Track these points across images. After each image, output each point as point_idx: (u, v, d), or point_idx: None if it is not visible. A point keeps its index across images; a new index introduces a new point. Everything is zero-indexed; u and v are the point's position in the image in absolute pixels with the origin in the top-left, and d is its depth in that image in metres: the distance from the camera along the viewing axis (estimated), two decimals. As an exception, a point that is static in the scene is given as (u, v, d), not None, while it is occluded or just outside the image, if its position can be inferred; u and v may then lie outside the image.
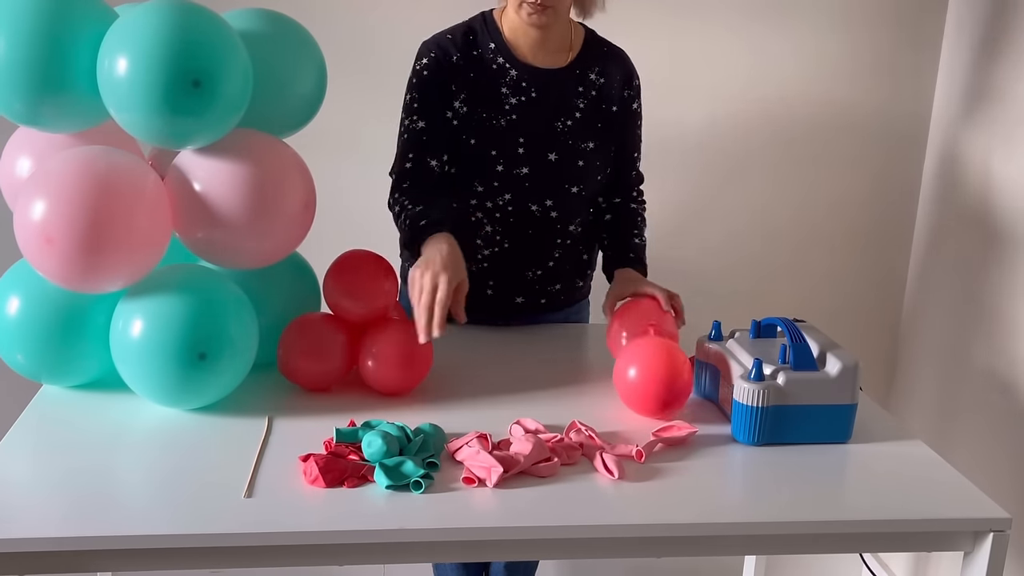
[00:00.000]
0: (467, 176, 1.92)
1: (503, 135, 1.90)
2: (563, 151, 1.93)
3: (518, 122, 1.91)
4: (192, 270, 1.64)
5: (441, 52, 1.90)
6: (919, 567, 2.62)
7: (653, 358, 1.61)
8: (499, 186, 1.92)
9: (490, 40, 1.92)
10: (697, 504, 1.41)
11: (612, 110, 1.98)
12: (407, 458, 1.44)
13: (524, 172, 1.92)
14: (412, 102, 1.92)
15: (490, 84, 1.90)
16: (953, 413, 2.50)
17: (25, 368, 1.65)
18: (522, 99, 1.91)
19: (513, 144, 1.91)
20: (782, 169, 2.63)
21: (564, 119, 1.93)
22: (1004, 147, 2.31)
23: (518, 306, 2.03)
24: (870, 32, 2.55)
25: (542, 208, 1.95)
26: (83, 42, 1.51)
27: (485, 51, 1.91)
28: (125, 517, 1.33)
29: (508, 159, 1.91)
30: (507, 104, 1.90)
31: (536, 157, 1.92)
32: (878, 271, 2.73)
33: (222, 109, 1.52)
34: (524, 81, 1.91)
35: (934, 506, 1.42)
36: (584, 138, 1.95)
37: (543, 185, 1.94)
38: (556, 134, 1.93)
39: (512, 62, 1.91)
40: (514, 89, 1.91)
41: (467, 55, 1.90)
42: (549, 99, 1.92)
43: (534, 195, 1.94)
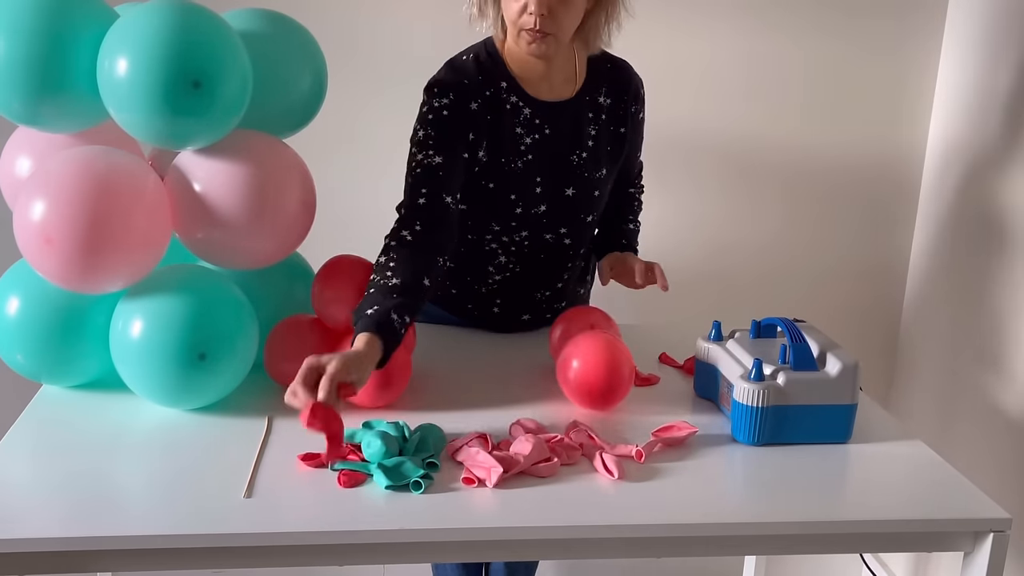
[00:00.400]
0: (484, 215, 1.88)
1: (520, 177, 1.86)
2: (579, 184, 1.90)
3: (534, 161, 1.86)
4: (192, 270, 1.64)
5: (460, 96, 1.79)
6: (919, 567, 2.62)
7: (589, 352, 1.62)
8: (516, 225, 1.89)
9: (501, 78, 1.83)
10: (697, 504, 1.41)
11: (621, 131, 1.95)
12: (407, 458, 1.44)
13: (542, 210, 1.89)
14: (427, 139, 1.78)
15: (506, 125, 1.83)
16: (953, 413, 2.50)
17: (25, 368, 1.65)
18: (536, 137, 1.85)
19: (531, 184, 1.87)
20: (782, 169, 2.63)
21: (579, 151, 1.89)
22: (1004, 147, 2.31)
23: (523, 323, 2.03)
24: (870, 31, 2.55)
25: (556, 236, 1.93)
26: (83, 42, 1.51)
27: (498, 90, 1.83)
28: (125, 517, 1.33)
29: (526, 200, 1.87)
30: (522, 145, 1.84)
31: (553, 194, 1.89)
32: (878, 271, 2.73)
33: (222, 109, 1.52)
34: (537, 118, 1.85)
35: (934, 506, 1.42)
36: (598, 167, 1.92)
37: (559, 218, 1.92)
38: (571, 168, 1.89)
39: (524, 99, 1.84)
40: (528, 128, 1.84)
41: (483, 97, 1.81)
42: (562, 133, 1.87)
43: (550, 228, 1.92)
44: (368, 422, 1.57)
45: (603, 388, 1.61)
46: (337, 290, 1.68)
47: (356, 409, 1.64)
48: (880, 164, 2.65)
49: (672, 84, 2.52)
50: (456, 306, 2.02)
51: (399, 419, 1.55)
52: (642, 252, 2.54)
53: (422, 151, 1.78)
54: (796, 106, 2.58)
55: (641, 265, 1.87)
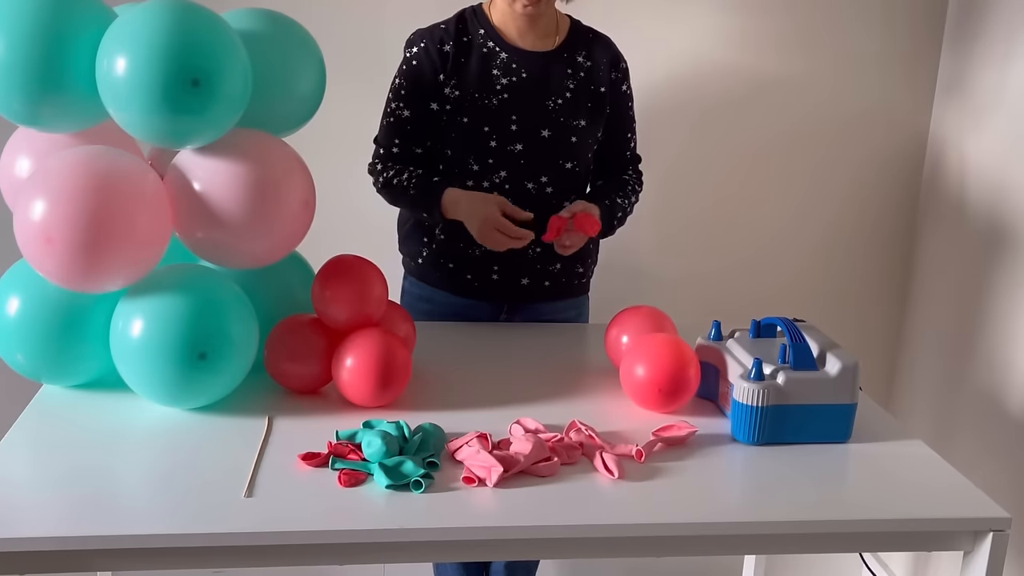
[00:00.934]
0: (462, 154, 1.98)
1: (496, 113, 1.97)
2: (555, 128, 1.99)
3: (510, 101, 1.97)
4: (192, 270, 1.64)
5: (432, 41, 1.98)
6: (919, 567, 2.62)
7: (659, 352, 1.63)
8: (494, 163, 1.97)
9: (480, 27, 2.00)
10: (697, 504, 1.41)
11: (600, 91, 2.04)
12: (407, 458, 1.44)
13: (518, 149, 1.97)
14: (400, 88, 2.02)
15: (481, 67, 1.97)
16: (953, 413, 2.50)
17: (25, 368, 1.65)
18: (513, 79, 1.98)
19: (506, 122, 1.97)
20: (782, 169, 2.63)
21: (555, 98, 2.00)
22: (1004, 147, 2.31)
23: (523, 288, 2.05)
24: (870, 33, 2.55)
25: (538, 185, 2.00)
26: (82, 42, 1.51)
27: (475, 36, 1.99)
28: (125, 517, 1.33)
29: (501, 136, 1.97)
30: (498, 84, 1.97)
31: (529, 134, 1.98)
32: (878, 271, 2.73)
33: (221, 108, 1.52)
34: (514, 63, 1.98)
35: (934, 506, 1.42)
36: (575, 116, 2.01)
37: (538, 161, 1.99)
38: (548, 112, 1.99)
39: (502, 46, 1.99)
40: (504, 71, 1.98)
41: (458, 41, 1.98)
42: (539, 79, 1.99)
43: (529, 172, 1.99)
44: (368, 422, 1.57)
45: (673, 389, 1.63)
46: (337, 290, 1.68)
47: (356, 409, 1.64)
48: (880, 164, 2.65)
49: (672, 83, 2.52)
50: (456, 282, 2.06)
51: (399, 419, 1.55)
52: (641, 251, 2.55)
53: (396, 100, 2.02)
54: (796, 105, 2.58)
55: (577, 210, 1.93)
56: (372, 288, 1.70)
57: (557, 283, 2.08)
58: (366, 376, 1.61)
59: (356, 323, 1.68)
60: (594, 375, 1.83)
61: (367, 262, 1.73)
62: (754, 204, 2.65)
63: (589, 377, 1.82)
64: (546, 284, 2.07)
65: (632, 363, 1.65)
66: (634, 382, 1.65)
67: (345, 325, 1.68)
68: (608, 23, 2.13)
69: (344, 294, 1.68)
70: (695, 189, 2.63)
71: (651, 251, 2.62)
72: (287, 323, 1.71)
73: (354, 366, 1.61)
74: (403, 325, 1.78)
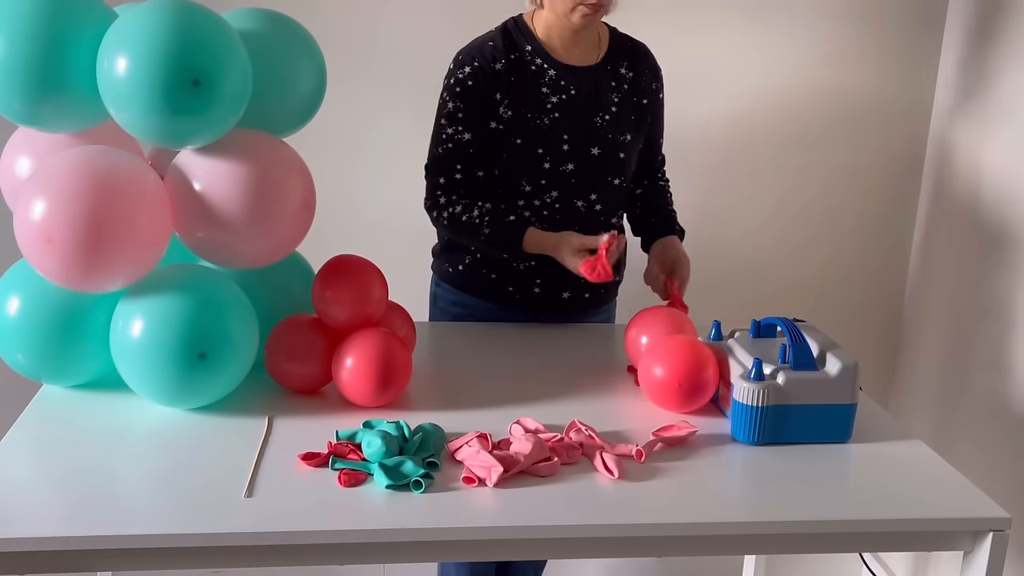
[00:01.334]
0: (514, 175, 1.96)
1: (548, 133, 1.94)
2: (605, 145, 1.98)
3: (560, 120, 1.95)
4: (192, 270, 1.64)
5: (484, 60, 1.92)
6: (919, 567, 2.62)
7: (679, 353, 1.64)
8: (546, 183, 1.96)
9: (526, 42, 1.95)
10: (697, 504, 1.41)
11: (643, 103, 2.03)
12: (407, 458, 1.44)
13: (570, 168, 1.96)
14: (456, 111, 1.93)
15: (531, 85, 1.94)
16: (953, 413, 2.50)
17: (25, 368, 1.65)
18: (562, 97, 1.95)
19: (558, 141, 1.94)
20: (781, 169, 2.63)
21: (602, 114, 1.98)
22: (1004, 146, 2.31)
23: (564, 301, 2.05)
24: (869, 31, 2.55)
25: (587, 203, 1.99)
26: (82, 42, 1.51)
27: (523, 53, 1.95)
28: (125, 517, 1.33)
29: (554, 156, 1.94)
30: (548, 103, 1.94)
31: (580, 152, 1.96)
32: (878, 271, 2.73)
33: (221, 108, 1.52)
34: (563, 80, 1.95)
35: (934, 506, 1.42)
36: (622, 131, 2.00)
37: (588, 179, 1.98)
38: (596, 128, 1.97)
39: (549, 62, 1.95)
40: (554, 88, 1.95)
41: (508, 59, 1.93)
42: (587, 95, 1.97)
43: (579, 190, 1.98)
44: (368, 422, 1.57)
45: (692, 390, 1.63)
46: (337, 290, 1.68)
47: (356, 409, 1.64)
48: (880, 164, 2.65)
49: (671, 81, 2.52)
50: (497, 292, 2.04)
51: (399, 419, 1.55)
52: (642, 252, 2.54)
53: (452, 124, 1.93)
54: (796, 103, 2.58)
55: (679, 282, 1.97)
56: (372, 288, 1.70)
57: (596, 295, 2.08)
58: (366, 376, 1.61)
59: (356, 323, 1.67)
60: (594, 375, 1.83)
61: (367, 262, 1.73)
62: (754, 204, 2.65)
63: (589, 377, 1.82)
64: (586, 296, 2.06)
65: (651, 363, 1.65)
66: (653, 381, 1.65)
67: (345, 325, 1.67)
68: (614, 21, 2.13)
69: (344, 294, 1.68)
70: (694, 189, 2.63)
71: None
72: (287, 323, 1.71)
73: (354, 366, 1.61)
74: (403, 325, 1.78)
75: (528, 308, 2.05)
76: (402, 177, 2.47)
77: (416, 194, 2.05)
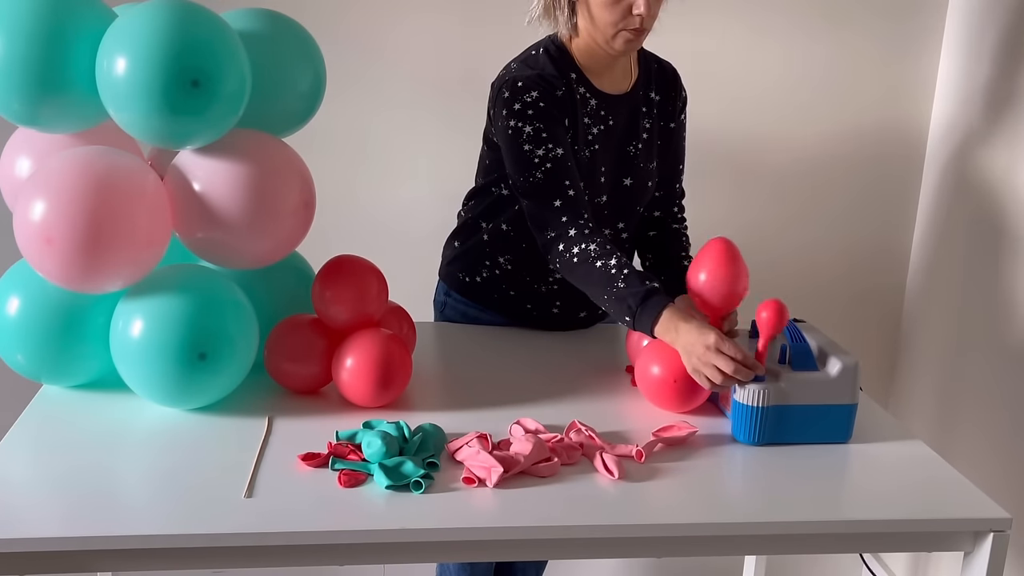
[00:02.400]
0: None
1: (587, 167, 1.87)
2: (636, 175, 1.93)
3: (599, 152, 1.88)
4: (192, 270, 1.64)
5: (547, 86, 1.80)
6: (919, 567, 2.62)
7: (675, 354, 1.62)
8: None
9: (570, 70, 1.85)
10: (697, 504, 1.41)
11: (670, 127, 1.99)
12: (407, 458, 1.44)
13: (604, 200, 1.91)
14: (539, 132, 1.78)
15: (577, 115, 1.85)
16: (953, 413, 2.50)
17: (25, 368, 1.65)
18: (601, 128, 1.88)
19: (597, 174, 1.89)
20: (781, 169, 2.63)
21: (635, 143, 1.93)
22: (1004, 147, 2.31)
23: (580, 320, 2.04)
24: (871, 29, 2.55)
25: (615, 231, 1.96)
26: (82, 42, 1.51)
27: (570, 81, 1.85)
28: (125, 517, 1.33)
29: (592, 190, 1.88)
30: (589, 135, 1.87)
31: (614, 184, 1.92)
32: (878, 271, 2.73)
33: (221, 109, 1.52)
34: (602, 110, 1.88)
35: (934, 506, 1.42)
36: (650, 159, 1.96)
37: (619, 210, 1.94)
38: (629, 159, 1.92)
39: (591, 90, 1.87)
40: (594, 118, 1.87)
41: (563, 87, 1.82)
42: (622, 125, 1.91)
43: (609, 221, 1.94)
44: (368, 422, 1.57)
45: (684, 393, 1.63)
46: (337, 290, 1.68)
47: (356, 409, 1.64)
48: (880, 162, 2.65)
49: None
50: (514, 309, 2.02)
51: (399, 419, 1.55)
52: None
53: (541, 146, 1.78)
54: (796, 103, 2.58)
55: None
56: (372, 288, 1.70)
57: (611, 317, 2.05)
58: (366, 376, 1.61)
59: (356, 323, 1.67)
60: (594, 376, 1.83)
61: (367, 262, 1.73)
62: (753, 204, 2.65)
63: (589, 377, 1.82)
64: (599, 312, 2.04)
65: (648, 362, 1.65)
66: (650, 380, 1.65)
67: (345, 325, 1.67)
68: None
69: (344, 294, 1.68)
70: (694, 189, 2.62)
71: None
72: (287, 323, 1.71)
73: (354, 366, 1.61)
74: (403, 325, 1.78)
75: (543, 326, 2.03)
76: (403, 177, 2.48)
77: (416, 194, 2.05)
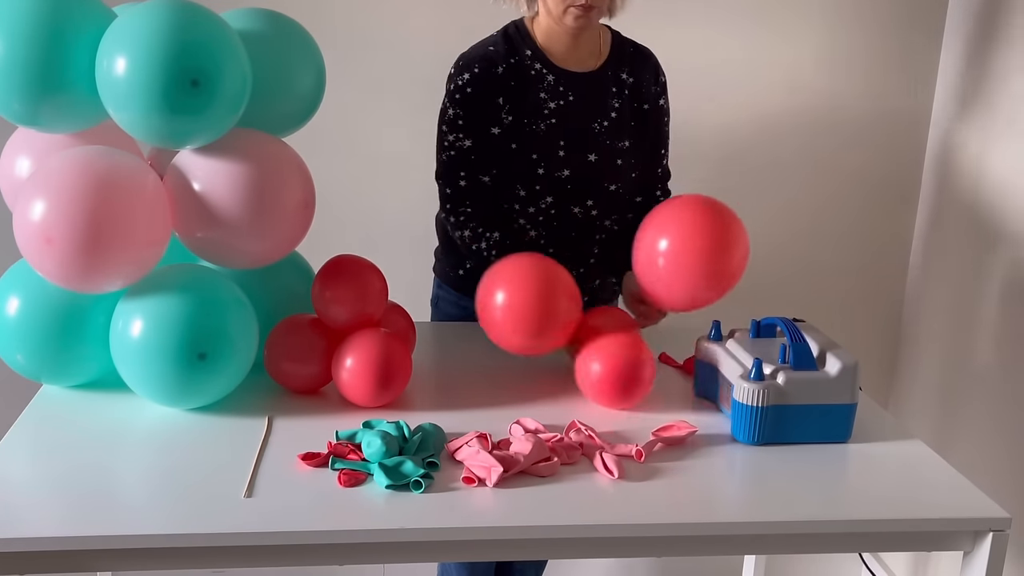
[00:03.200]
0: (509, 181, 1.94)
1: (543, 139, 1.92)
2: (602, 151, 1.96)
3: (557, 125, 1.93)
4: (192, 270, 1.64)
5: (486, 65, 1.90)
6: (919, 567, 2.62)
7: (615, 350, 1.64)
8: (540, 189, 1.94)
9: (526, 47, 1.93)
10: (697, 504, 1.41)
11: (644, 108, 2.02)
12: (407, 458, 1.44)
13: (565, 174, 1.94)
14: (457, 119, 1.91)
15: (529, 90, 1.92)
16: (953, 413, 2.50)
17: (25, 368, 1.65)
18: (560, 103, 1.93)
19: (554, 147, 1.93)
20: (781, 170, 2.63)
21: (601, 120, 1.96)
22: (1004, 147, 2.31)
23: None
24: (869, 32, 2.55)
25: (583, 209, 1.98)
26: (82, 42, 1.51)
27: (523, 58, 1.93)
28: (125, 517, 1.33)
29: (549, 162, 1.93)
30: (545, 109, 1.92)
31: (576, 159, 1.95)
32: (878, 270, 2.73)
33: (221, 108, 1.52)
34: (561, 85, 1.93)
35: (934, 506, 1.42)
36: (620, 137, 1.98)
37: (584, 186, 1.97)
38: (594, 135, 1.96)
39: (548, 67, 1.93)
40: (552, 94, 1.93)
41: (509, 64, 1.91)
42: (585, 101, 1.95)
43: (575, 196, 1.97)
44: (368, 422, 1.57)
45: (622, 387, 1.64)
46: (337, 290, 1.68)
47: (356, 409, 1.64)
48: (880, 165, 2.65)
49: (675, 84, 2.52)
50: None
51: (399, 419, 1.55)
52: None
53: (453, 132, 1.91)
54: (796, 103, 2.58)
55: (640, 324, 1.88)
56: (372, 288, 1.70)
57: (595, 297, 2.08)
58: (366, 376, 1.61)
59: (356, 323, 1.68)
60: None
61: (367, 262, 1.73)
62: (754, 204, 2.64)
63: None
64: (585, 299, 2.05)
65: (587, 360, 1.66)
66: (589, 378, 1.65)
67: (345, 325, 1.67)
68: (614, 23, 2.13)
69: (344, 294, 1.68)
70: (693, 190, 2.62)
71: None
72: (287, 323, 1.71)
73: (354, 366, 1.61)
74: (403, 325, 1.78)
75: None
76: (402, 177, 2.48)
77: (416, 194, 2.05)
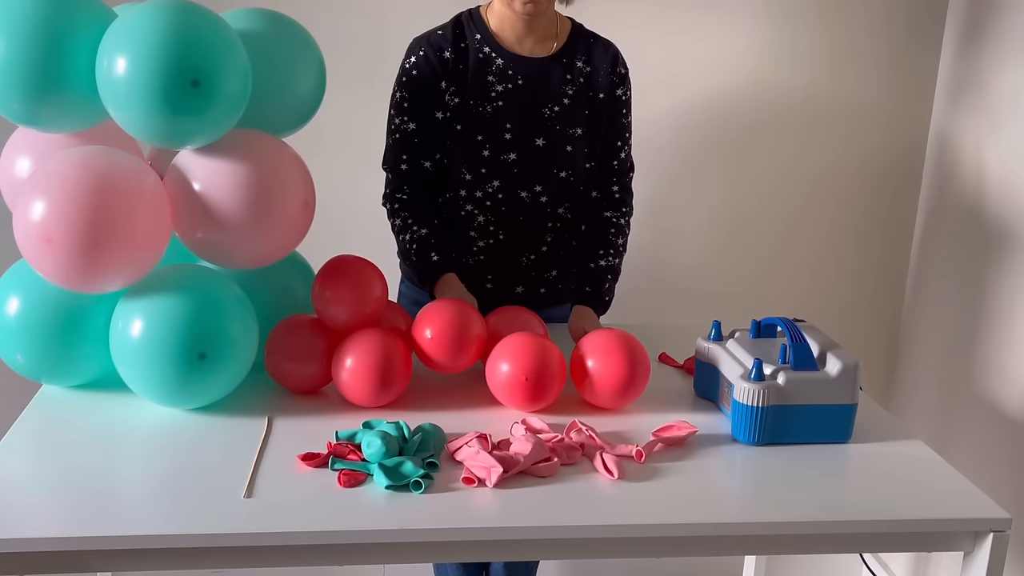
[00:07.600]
0: (456, 163, 1.95)
1: (490, 121, 1.94)
2: (550, 136, 1.96)
3: (504, 108, 1.94)
4: (192, 270, 1.64)
5: (431, 48, 1.94)
6: (919, 567, 2.62)
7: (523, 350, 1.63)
8: (487, 172, 1.95)
9: (476, 32, 1.96)
10: (697, 504, 1.41)
11: (599, 97, 2.00)
12: (407, 458, 1.44)
13: (512, 158, 1.95)
14: (403, 101, 1.95)
15: (477, 73, 1.94)
16: (953, 413, 2.50)
17: (25, 368, 1.65)
18: (508, 86, 1.94)
19: (500, 130, 1.94)
20: (782, 170, 2.63)
21: (551, 105, 1.96)
22: (1004, 147, 2.31)
23: (519, 296, 2.04)
24: (871, 30, 2.55)
25: (531, 194, 1.97)
26: (82, 42, 1.51)
27: (472, 42, 1.95)
28: (125, 517, 1.33)
29: (495, 145, 1.94)
30: (493, 92, 1.94)
31: (523, 142, 1.95)
32: (878, 271, 2.73)
33: (221, 108, 1.52)
34: (510, 69, 1.95)
35: (934, 506, 1.42)
36: (572, 124, 1.97)
37: (531, 170, 1.96)
38: (543, 120, 1.96)
39: (498, 51, 1.95)
40: (500, 77, 1.94)
41: (456, 48, 1.94)
42: (535, 86, 1.96)
43: (522, 181, 1.96)
44: (368, 422, 1.57)
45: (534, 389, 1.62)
46: (337, 290, 1.68)
47: (356, 409, 1.64)
48: (880, 164, 2.65)
49: (671, 82, 2.52)
50: None
51: (399, 419, 1.55)
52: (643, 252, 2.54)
53: (399, 115, 1.96)
54: (796, 105, 2.58)
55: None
56: (372, 288, 1.70)
57: (553, 290, 2.07)
58: (366, 376, 1.61)
59: (356, 323, 1.68)
60: (594, 375, 1.82)
61: (367, 262, 1.73)
62: (754, 204, 2.65)
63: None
64: (541, 291, 2.06)
65: (497, 360, 1.64)
66: (499, 378, 1.63)
67: (345, 325, 1.67)
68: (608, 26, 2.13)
69: (344, 294, 1.68)
70: (694, 190, 2.63)
71: (650, 252, 2.62)
72: (287, 323, 1.71)
73: (354, 366, 1.61)
74: (403, 325, 1.78)
75: (483, 304, 1.97)
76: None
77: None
